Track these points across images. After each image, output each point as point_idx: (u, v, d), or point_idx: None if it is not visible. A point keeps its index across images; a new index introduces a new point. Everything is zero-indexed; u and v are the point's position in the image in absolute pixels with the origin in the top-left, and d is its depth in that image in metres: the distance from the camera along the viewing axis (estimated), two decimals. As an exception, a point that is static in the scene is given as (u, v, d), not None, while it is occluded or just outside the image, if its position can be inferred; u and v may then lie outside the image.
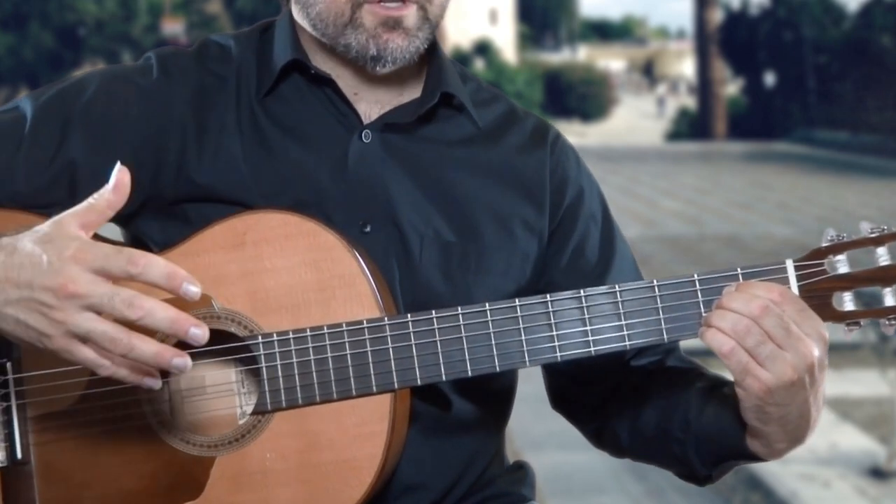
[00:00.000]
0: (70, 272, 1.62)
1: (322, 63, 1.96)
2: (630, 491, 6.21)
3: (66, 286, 1.62)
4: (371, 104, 1.96)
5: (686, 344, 2.03)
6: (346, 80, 1.95)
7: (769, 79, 48.12)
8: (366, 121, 1.95)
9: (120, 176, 1.68)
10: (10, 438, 1.83)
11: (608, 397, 2.02)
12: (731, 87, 50.46)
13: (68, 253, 1.62)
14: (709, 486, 1.99)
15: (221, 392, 1.87)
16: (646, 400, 1.97)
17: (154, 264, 1.63)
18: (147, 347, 1.63)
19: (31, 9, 42.89)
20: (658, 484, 6.15)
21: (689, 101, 54.96)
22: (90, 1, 44.37)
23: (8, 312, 1.66)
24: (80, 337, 1.63)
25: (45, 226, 1.67)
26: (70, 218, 1.66)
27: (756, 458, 1.87)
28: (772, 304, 1.73)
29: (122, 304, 1.62)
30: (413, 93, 1.98)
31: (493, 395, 2.00)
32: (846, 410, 7.62)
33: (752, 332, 1.73)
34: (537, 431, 6.81)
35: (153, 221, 1.93)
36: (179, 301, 1.81)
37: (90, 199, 1.67)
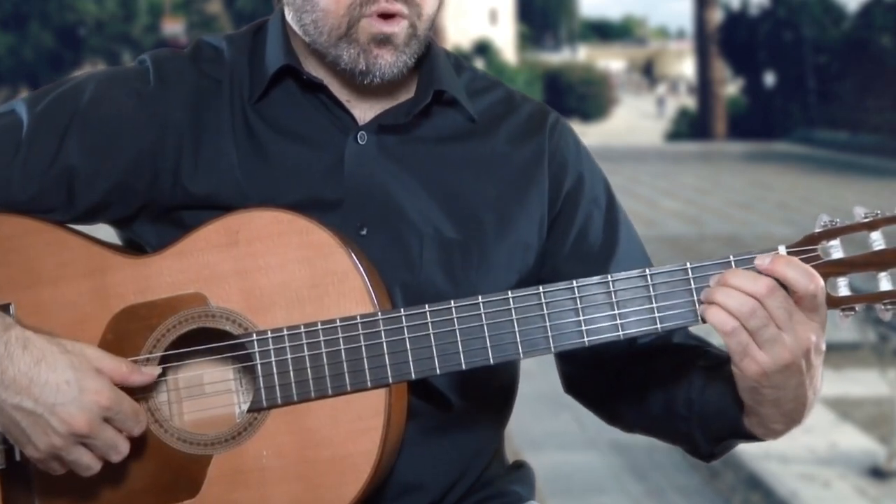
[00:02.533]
0: (88, 414, 1.76)
1: (313, 69, 1.95)
2: (630, 491, 6.20)
3: (80, 425, 1.76)
4: (364, 109, 1.96)
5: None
6: (336, 88, 1.95)
7: (769, 79, 48.11)
8: (360, 123, 1.94)
9: (151, 372, 1.82)
10: (8, 441, 1.83)
11: (617, 378, 2.02)
12: (731, 87, 50.44)
13: (92, 394, 1.77)
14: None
15: (219, 390, 1.87)
16: (652, 379, 1.97)
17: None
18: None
19: (31, 9, 42.91)
20: (658, 484, 6.14)
21: (689, 101, 54.94)
22: (90, 1, 44.39)
23: (11, 413, 1.76)
24: (59, 460, 1.78)
25: (76, 352, 1.78)
26: (99, 358, 1.79)
27: (755, 437, 1.87)
28: (779, 284, 1.73)
29: (112, 452, 1.79)
30: (407, 93, 1.98)
31: (494, 394, 1.99)
32: (846, 410, 7.61)
33: (756, 314, 1.72)
34: (537, 431, 6.82)
35: (149, 226, 1.93)
36: (176, 299, 1.82)
37: (123, 361, 1.80)
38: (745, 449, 5.60)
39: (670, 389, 1.94)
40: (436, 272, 1.92)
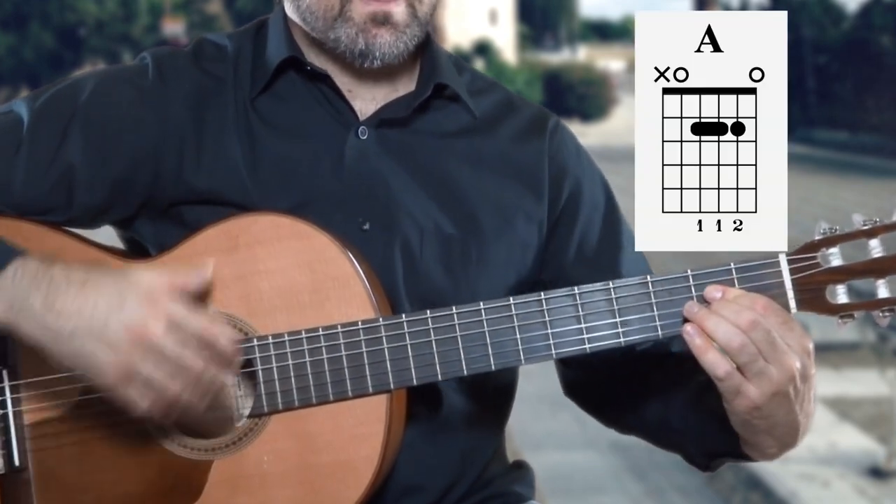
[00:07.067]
0: (148, 317, 1.67)
1: (316, 60, 1.95)
2: (630, 491, 6.21)
3: (143, 331, 1.67)
4: (366, 101, 1.96)
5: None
6: (339, 78, 1.95)
7: (769, 78, 48.05)
8: (361, 117, 1.94)
9: (204, 272, 1.75)
10: (7, 446, 1.83)
11: (615, 385, 2.02)
12: (730, 87, 50.37)
13: (151, 297, 1.68)
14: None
15: (217, 395, 1.86)
16: (649, 390, 1.98)
17: (223, 334, 1.72)
18: (195, 400, 1.72)
19: (31, 9, 42.88)
20: (658, 484, 6.15)
21: (689, 101, 54.82)
22: (90, 1, 44.36)
23: (71, 343, 1.69)
24: (134, 379, 1.68)
25: (119, 273, 1.72)
26: (148, 271, 1.73)
27: (750, 458, 1.88)
28: (759, 317, 1.74)
29: (186, 360, 1.68)
30: (408, 86, 1.98)
31: (493, 394, 1.99)
32: (845, 410, 7.62)
33: (745, 349, 1.74)
34: (537, 431, 6.82)
35: (148, 223, 1.92)
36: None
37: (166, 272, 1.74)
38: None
39: (667, 402, 1.95)
40: (435, 267, 1.92)
